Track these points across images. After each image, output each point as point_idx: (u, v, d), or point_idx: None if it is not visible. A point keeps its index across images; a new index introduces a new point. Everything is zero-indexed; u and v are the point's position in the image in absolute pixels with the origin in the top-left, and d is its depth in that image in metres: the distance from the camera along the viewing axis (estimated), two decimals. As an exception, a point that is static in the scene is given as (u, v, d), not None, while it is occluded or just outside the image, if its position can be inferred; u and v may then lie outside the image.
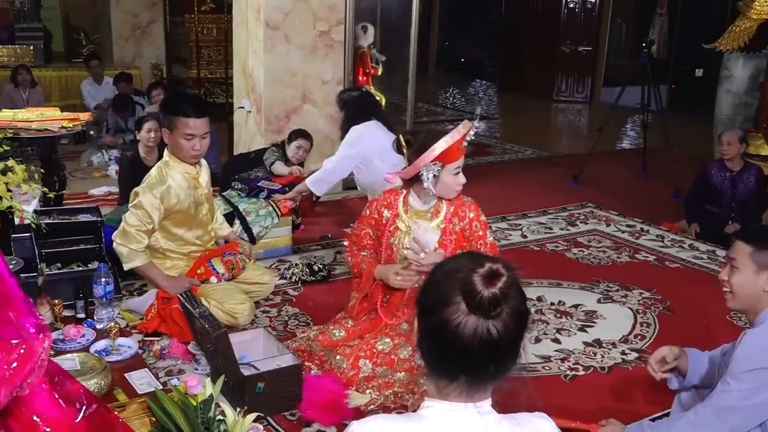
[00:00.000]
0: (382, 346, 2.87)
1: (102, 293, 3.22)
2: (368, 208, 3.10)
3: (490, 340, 1.21)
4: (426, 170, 2.79)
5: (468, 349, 1.22)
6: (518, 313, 1.24)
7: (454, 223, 2.94)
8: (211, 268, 3.44)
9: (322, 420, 2.65)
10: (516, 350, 1.27)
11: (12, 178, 3.12)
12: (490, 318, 1.21)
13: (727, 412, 2.14)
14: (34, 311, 1.54)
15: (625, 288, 4.12)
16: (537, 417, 1.36)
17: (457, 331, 1.22)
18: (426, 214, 2.96)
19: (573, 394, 3.00)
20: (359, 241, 3.12)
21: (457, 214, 2.95)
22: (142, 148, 4.94)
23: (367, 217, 3.09)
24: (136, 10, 9.24)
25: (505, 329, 1.22)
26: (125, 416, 2.34)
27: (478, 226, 2.96)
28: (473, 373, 1.26)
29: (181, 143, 3.32)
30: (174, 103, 3.41)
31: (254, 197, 4.51)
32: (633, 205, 5.75)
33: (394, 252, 2.99)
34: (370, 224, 3.08)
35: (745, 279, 2.18)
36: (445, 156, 2.77)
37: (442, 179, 2.83)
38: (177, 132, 3.30)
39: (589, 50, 11.52)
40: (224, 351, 2.61)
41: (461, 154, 2.83)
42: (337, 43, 5.54)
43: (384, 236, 3.01)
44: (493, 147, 8.39)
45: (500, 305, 1.21)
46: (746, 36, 5.77)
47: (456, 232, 2.94)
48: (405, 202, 2.99)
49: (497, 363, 1.26)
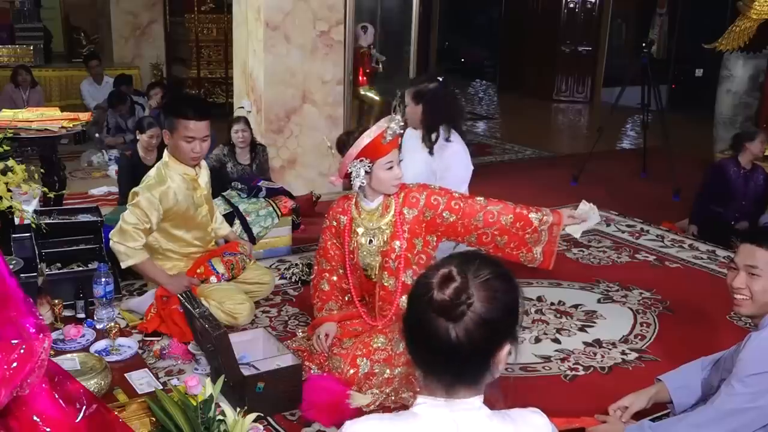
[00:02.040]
0: (378, 344, 2.87)
1: (102, 293, 3.23)
2: (326, 218, 3.11)
3: (448, 343, 1.24)
4: (353, 168, 2.81)
5: (433, 348, 1.27)
6: (484, 322, 1.25)
7: (404, 213, 2.92)
8: (211, 268, 3.44)
9: (322, 420, 2.64)
10: (481, 360, 1.28)
11: (12, 178, 3.12)
12: (450, 320, 1.24)
13: (731, 415, 2.13)
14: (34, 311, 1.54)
15: (625, 288, 4.12)
16: (530, 412, 1.37)
17: (425, 330, 1.26)
18: (376, 211, 2.95)
19: (573, 394, 3.00)
20: (325, 254, 3.10)
21: (407, 203, 2.92)
22: (141, 148, 4.95)
23: (327, 227, 3.10)
24: (136, 10, 9.23)
25: (467, 335, 1.24)
26: (125, 416, 2.35)
27: (437, 197, 2.91)
28: (450, 372, 1.29)
29: (181, 145, 3.31)
30: (175, 104, 3.42)
31: (254, 197, 4.51)
32: (633, 205, 5.75)
33: (355, 255, 3.00)
34: (331, 233, 3.08)
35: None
36: (370, 152, 2.79)
37: (376, 175, 2.83)
38: (177, 134, 3.30)
39: (589, 50, 11.52)
40: (224, 351, 2.61)
41: (390, 148, 2.82)
42: (337, 43, 5.53)
43: (345, 242, 3.01)
44: (493, 147, 8.39)
45: (454, 309, 1.23)
46: (746, 36, 5.78)
47: (409, 222, 2.91)
48: (357, 205, 2.99)
49: (456, 367, 1.28)
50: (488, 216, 2.90)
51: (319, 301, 3.09)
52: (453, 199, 2.92)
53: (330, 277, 3.09)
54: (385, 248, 2.93)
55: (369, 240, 2.97)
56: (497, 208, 2.92)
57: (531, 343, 3.42)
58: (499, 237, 2.93)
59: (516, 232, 2.92)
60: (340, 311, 3.04)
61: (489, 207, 2.91)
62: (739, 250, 2.26)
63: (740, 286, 2.21)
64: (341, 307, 3.06)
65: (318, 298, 3.10)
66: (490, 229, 2.91)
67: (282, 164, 5.53)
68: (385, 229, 2.94)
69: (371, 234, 2.96)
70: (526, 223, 2.92)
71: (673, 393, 2.53)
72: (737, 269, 2.24)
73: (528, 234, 2.94)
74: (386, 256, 2.94)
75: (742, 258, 2.23)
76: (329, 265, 3.10)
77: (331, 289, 3.08)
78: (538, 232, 2.93)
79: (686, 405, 2.51)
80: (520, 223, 2.92)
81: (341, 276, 3.09)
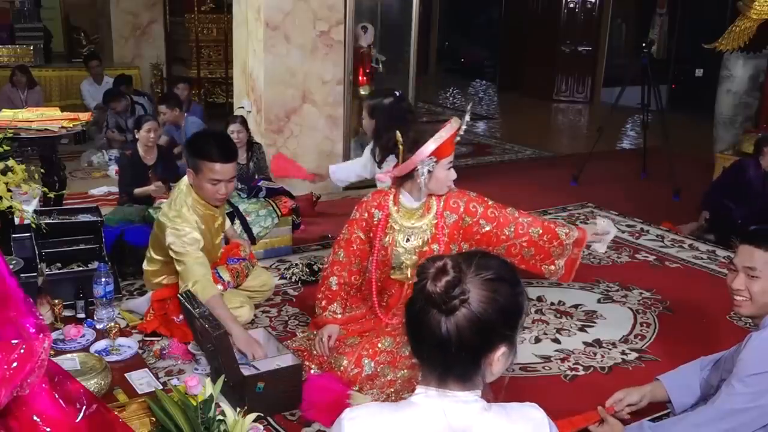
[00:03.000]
0: (385, 345, 2.87)
1: (102, 293, 3.22)
2: (357, 211, 3.06)
3: (438, 335, 1.26)
4: (421, 165, 2.80)
5: (424, 338, 1.29)
6: (477, 320, 1.25)
7: (445, 216, 2.92)
8: (218, 276, 3.41)
9: (323, 420, 2.64)
10: (470, 359, 1.29)
11: (12, 178, 3.12)
12: (442, 313, 1.25)
13: (731, 415, 2.13)
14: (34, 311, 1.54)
15: (625, 288, 4.12)
16: (527, 406, 1.37)
17: (419, 318, 1.28)
18: (417, 211, 2.95)
19: (573, 394, 3.00)
20: (347, 246, 3.04)
21: (448, 207, 2.93)
22: (141, 146, 4.96)
23: (357, 219, 3.04)
24: (136, 10, 9.23)
25: (457, 331, 1.25)
26: (125, 416, 2.34)
27: (475, 204, 2.95)
28: (438, 364, 1.30)
29: (206, 187, 3.16)
30: (199, 144, 3.20)
31: (254, 197, 4.51)
32: (633, 205, 5.75)
33: (388, 252, 2.98)
34: (360, 226, 3.03)
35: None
36: (439, 151, 2.79)
37: (435, 174, 2.83)
38: (202, 176, 3.13)
39: (589, 50, 11.52)
40: (224, 351, 2.62)
41: (453, 149, 2.86)
42: (337, 43, 5.53)
43: (377, 237, 2.99)
44: (493, 147, 8.39)
45: (445, 303, 1.25)
46: (746, 36, 5.78)
47: (449, 226, 2.92)
48: (396, 201, 2.97)
49: (445, 361, 1.29)
50: (519, 227, 2.97)
51: (324, 299, 3.06)
52: (489, 207, 2.96)
53: (341, 272, 3.04)
54: (424, 249, 2.92)
55: (407, 238, 2.95)
56: (527, 220, 2.99)
57: (531, 343, 3.42)
58: (527, 248, 2.99)
59: (543, 245, 3.00)
60: (344, 314, 3.03)
61: (520, 219, 2.98)
62: (738, 251, 2.26)
63: (739, 288, 2.21)
64: (345, 309, 3.05)
65: (324, 294, 3.07)
66: (519, 240, 2.96)
67: (282, 164, 5.53)
68: (425, 230, 2.93)
69: (408, 233, 2.94)
70: (553, 236, 3.00)
71: (671, 392, 2.53)
72: (736, 271, 2.24)
73: (554, 247, 3.02)
74: (423, 257, 2.90)
75: (740, 259, 2.23)
76: (346, 259, 3.05)
77: (338, 288, 3.04)
78: (563, 245, 3.02)
79: (686, 405, 2.51)
80: (548, 236, 2.99)
81: (353, 272, 3.05)
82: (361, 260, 3.05)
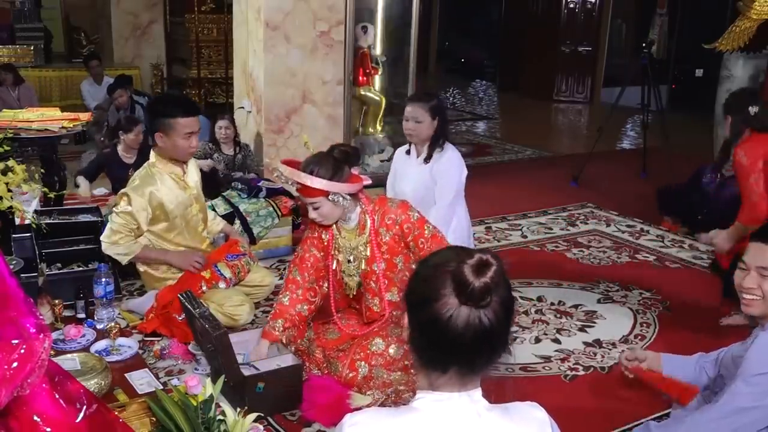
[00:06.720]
0: (375, 347, 2.87)
1: (102, 293, 3.22)
2: (310, 228, 3.02)
3: (482, 329, 1.24)
4: None
5: (461, 339, 1.24)
6: (506, 301, 1.27)
7: (381, 233, 2.86)
8: (218, 273, 3.42)
9: (323, 420, 2.65)
10: (505, 337, 1.30)
11: (12, 178, 3.12)
12: (480, 308, 1.23)
13: (735, 414, 2.12)
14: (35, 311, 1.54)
15: (625, 288, 4.12)
16: (529, 406, 1.37)
17: (449, 323, 1.24)
18: (354, 230, 2.90)
19: (573, 394, 3.00)
20: (301, 264, 2.98)
21: (383, 224, 2.86)
22: (124, 147, 5.10)
23: (310, 237, 3.00)
24: (136, 10, 9.23)
25: (496, 318, 1.25)
26: (125, 416, 2.35)
27: (410, 227, 2.84)
28: (466, 363, 1.28)
29: (179, 143, 3.38)
30: (165, 107, 3.45)
31: (254, 197, 4.51)
32: (633, 205, 5.75)
33: (339, 273, 2.98)
34: (314, 244, 2.99)
35: None
36: None
37: None
38: (175, 133, 3.35)
39: (589, 50, 11.52)
40: (224, 351, 2.62)
41: None
42: (337, 43, 5.53)
43: (328, 259, 2.97)
44: (493, 147, 8.39)
45: (490, 295, 1.23)
46: (746, 36, 5.77)
47: (387, 243, 2.87)
48: (337, 224, 2.93)
49: (489, 351, 1.29)
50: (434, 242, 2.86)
51: (272, 313, 3.01)
52: (422, 236, 2.85)
53: (296, 290, 2.96)
54: (366, 270, 2.91)
55: (347, 260, 2.94)
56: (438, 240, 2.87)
57: (531, 343, 3.42)
58: None
59: None
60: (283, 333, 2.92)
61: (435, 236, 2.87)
62: (749, 249, 2.22)
63: (751, 286, 2.16)
64: (287, 329, 2.94)
65: (274, 309, 3.02)
66: None
67: (282, 164, 5.52)
68: (362, 250, 2.90)
69: (349, 254, 2.93)
70: None
71: (665, 365, 2.51)
72: (747, 269, 2.20)
73: None
74: (367, 278, 2.92)
75: (752, 258, 2.18)
76: (300, 276, 2.97)
77: (289, 304, 2.95)
78: None
79: None
80: None
81: (308, 289, 2.97)
82: (316, 278, 2.99)
